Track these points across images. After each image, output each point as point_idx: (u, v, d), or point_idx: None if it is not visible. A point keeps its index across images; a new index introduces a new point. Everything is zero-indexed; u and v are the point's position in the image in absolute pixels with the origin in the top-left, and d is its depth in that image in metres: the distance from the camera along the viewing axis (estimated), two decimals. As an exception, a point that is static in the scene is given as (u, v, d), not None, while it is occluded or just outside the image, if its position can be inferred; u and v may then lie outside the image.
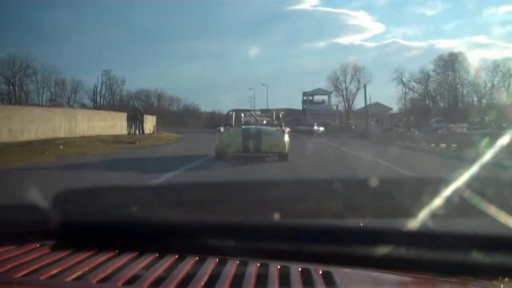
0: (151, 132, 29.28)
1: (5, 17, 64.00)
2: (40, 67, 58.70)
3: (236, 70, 77.15)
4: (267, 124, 12.48)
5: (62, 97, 62.66)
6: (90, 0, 71.74)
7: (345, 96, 64.01)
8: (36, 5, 68.75)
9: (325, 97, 61.49)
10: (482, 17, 67.94)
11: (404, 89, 61.71)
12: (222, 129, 11.21)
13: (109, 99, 66.33)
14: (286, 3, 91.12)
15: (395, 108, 63.34)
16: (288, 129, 11.53)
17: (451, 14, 72.74)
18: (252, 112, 14.30)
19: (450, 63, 58.05)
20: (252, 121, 13.29)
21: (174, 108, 71.64)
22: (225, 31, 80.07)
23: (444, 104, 59.54)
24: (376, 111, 48.84)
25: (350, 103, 64.30)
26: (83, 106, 62.72)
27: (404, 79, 61.20)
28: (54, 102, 58.50)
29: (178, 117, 64.99)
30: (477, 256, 0.73)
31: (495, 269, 0.74)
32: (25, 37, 67.39)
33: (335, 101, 62.23)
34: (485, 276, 0.76)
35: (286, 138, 11.02)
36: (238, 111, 13.16)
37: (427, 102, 60.82)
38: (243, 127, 11.61)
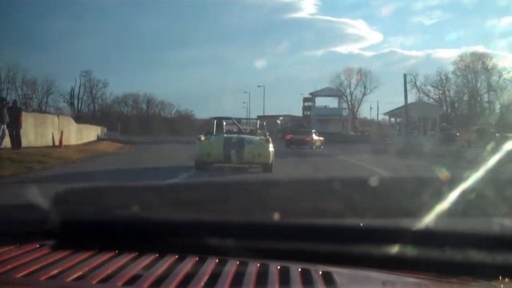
0: (57, 144, 17.83)
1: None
2: (4, 65, 52.01)
3: (233, 77, 76.64)
4: (251, 133, 11.98)
5: (33, 99, 55.50)
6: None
7: (349, 102, 57.03)
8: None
9: (333, 101, 52.82)
10: (480, 27, 67.60)
11: (418, 94, 54.49)
12: (202, 137, 10.76)
13: (89, 103, 61.93)
14: (284, 11, 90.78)
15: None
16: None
17: (449, 24, 72.43)
18: (235, 120, 13.58)
19: (472, 64, 51.15)
20: (234, 129, 12.70)
21: (166, 114, 67.58)
22: (222, 38, 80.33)
23: (462, 111, 52.98)
24: (419, 112, 33.84)
25: (356, 110, 57.98)
26: (59, 110, 56.53)
27: (418, 83, 54.56)
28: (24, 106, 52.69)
29: (170, 124, 60.82)
30: (477, 256, 0.73)
31: (495, 269, 0.74)
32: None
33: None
34: (485, 276, 0.76)
35: (271, 147, 10.54)
36: (220, 119, 12.66)
37: (445, 108, 52.26)
38: (225, 135, 11.15)
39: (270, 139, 10.84)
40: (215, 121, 12.29)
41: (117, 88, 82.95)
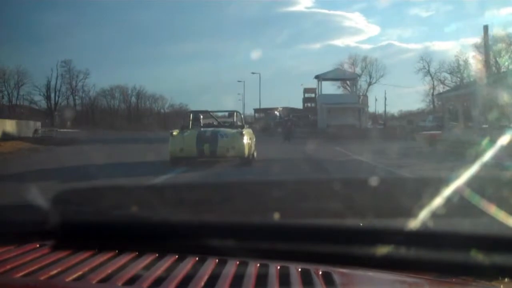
0: None
1: None
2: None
3: (229, 71, 75.31)
4: (230, 126, 11.45)
5: (3, 92, 50.62)
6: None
7: (354, 92, 50.15)
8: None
9: (339, 89, 45.16)
10: (477, 19, 66.97)
11: (432, 81, 49.33)
12: (174, 133, 10.54)
13: (68, 95, 55.59)
14: (280, 5, 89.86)
15: (421, 106, 51.85)
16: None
17: (446, 16, 71.62)
18: (212, 113, 13.08)
19: (495, 47, 39.71)
20: (214, 123, 12.33)
21: (158, 108, 62.60)
22: (218, 32, 79.17)
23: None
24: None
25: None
26: (33, 103, 52.28)
27: (432, 70, 48.81)
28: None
29: (163, 118, 56.31)
30: (477, 256, 0.73)
31: (495, 269, 0.74)
32: None
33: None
34: (485, 276, 0.76)
35: (246, 140, 10.18)
36: (196, 112, 12.30)
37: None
38: (199, 129, 10.86)
39: (243, 132, 10.38)
40: (191, 115, 11.96)
41: (103, 82, 79.79)
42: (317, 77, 39.00)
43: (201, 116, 12.34)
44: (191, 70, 74.50)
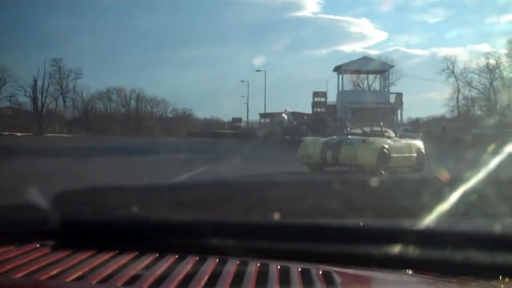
0: None
1: None
2: None
3: (235, 77, 75.17)
4: (377, 135, 10.88)
5: None
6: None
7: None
8: None
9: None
10: (484, 26, 66.33)
11: (457, 84, 43.28)
12: (307, 139, 11.17)
13: (57, 96, 50.51)
14: (287, 10, 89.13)
15: (443, 111, 46.72)
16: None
17: (454, 22, 71.13)
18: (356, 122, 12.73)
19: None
20: (360, 130, 11.89)
21: (160, 112, 58.47)
22: (223, 37, 78.71)
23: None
24: None
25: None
26: (18, 105, 48.46)
27: (457, 70, 42.89)
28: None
29: (165, 124, 52.80)
30: (477, 256, 0.73)
31: (495, 269, 0.74)
32: None
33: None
34: (485, 276, 0.76)
35: (372, 149, 9.78)
36: (341, 120, 12.47)
37: (492, 102, 40.86)
38: (329, 137, 11.11)
39: (369, 140, 9.93)
40: (337, 123, 12.53)
41: (101, 86, 76.43)
42: (337, 68, 30.30)
43: (348, 124, 12.52)
44: (194, 75, 73.63)
